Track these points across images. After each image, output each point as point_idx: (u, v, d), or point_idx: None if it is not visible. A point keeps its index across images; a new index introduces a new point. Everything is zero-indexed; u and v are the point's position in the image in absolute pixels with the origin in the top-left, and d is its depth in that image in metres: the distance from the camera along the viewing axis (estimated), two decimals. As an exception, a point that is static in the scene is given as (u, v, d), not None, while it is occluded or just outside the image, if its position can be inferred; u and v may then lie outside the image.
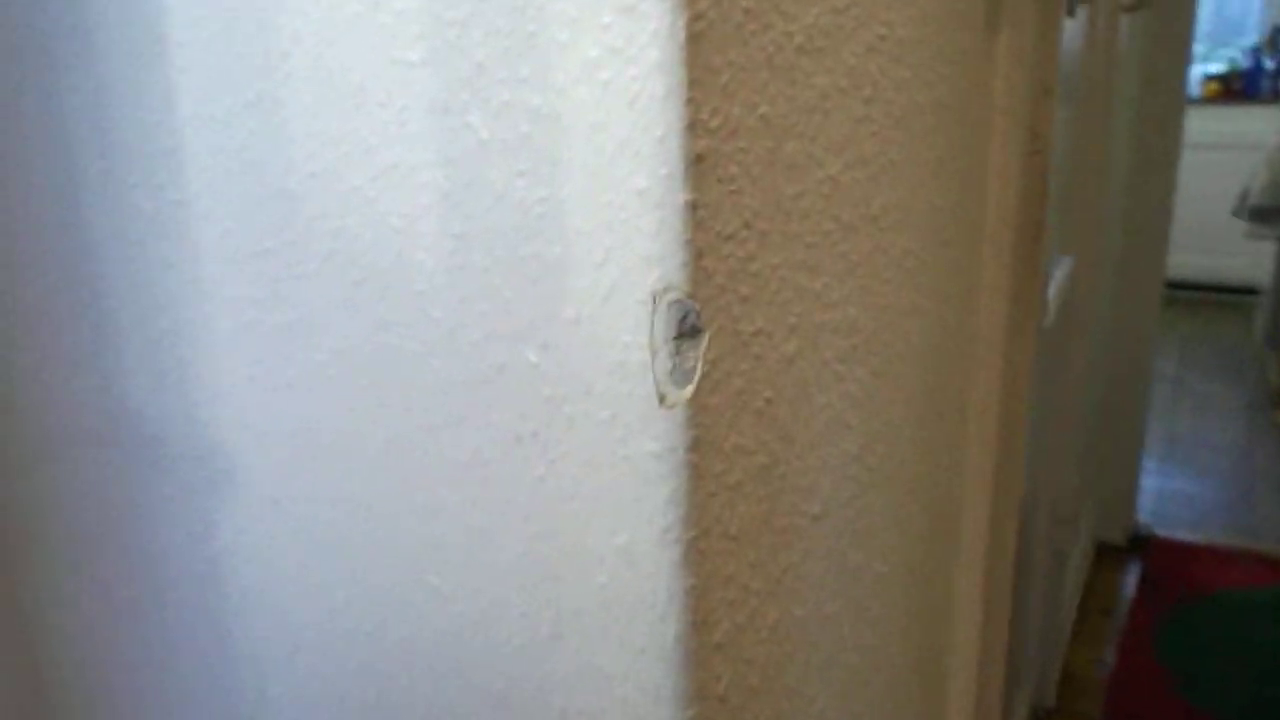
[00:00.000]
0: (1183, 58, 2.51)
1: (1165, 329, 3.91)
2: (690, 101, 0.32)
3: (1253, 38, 4.71)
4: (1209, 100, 4.51)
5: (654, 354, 0.35)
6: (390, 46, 0.37)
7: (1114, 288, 2.55)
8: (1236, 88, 4.54)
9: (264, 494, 0.47)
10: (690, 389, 0.35)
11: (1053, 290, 1.24)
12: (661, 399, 0.35)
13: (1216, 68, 4.56)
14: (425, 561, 0.43)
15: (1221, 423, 3.17)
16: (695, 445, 0.36)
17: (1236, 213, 3.25)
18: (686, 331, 0.35)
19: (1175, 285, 4.40)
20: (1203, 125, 4.36)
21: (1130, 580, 2.18)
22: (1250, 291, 4.50)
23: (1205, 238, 4.46)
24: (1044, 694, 1.75)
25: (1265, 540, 2.37)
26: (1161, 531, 2.41)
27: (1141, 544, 2.36)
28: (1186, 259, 4.45)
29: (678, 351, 0.35)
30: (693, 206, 0.33)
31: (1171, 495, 2.66)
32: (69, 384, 0.52)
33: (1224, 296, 4.57)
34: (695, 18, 0.32)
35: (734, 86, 0.34)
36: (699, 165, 0.33)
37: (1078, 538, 2.00)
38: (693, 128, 0.33)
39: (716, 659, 0.39)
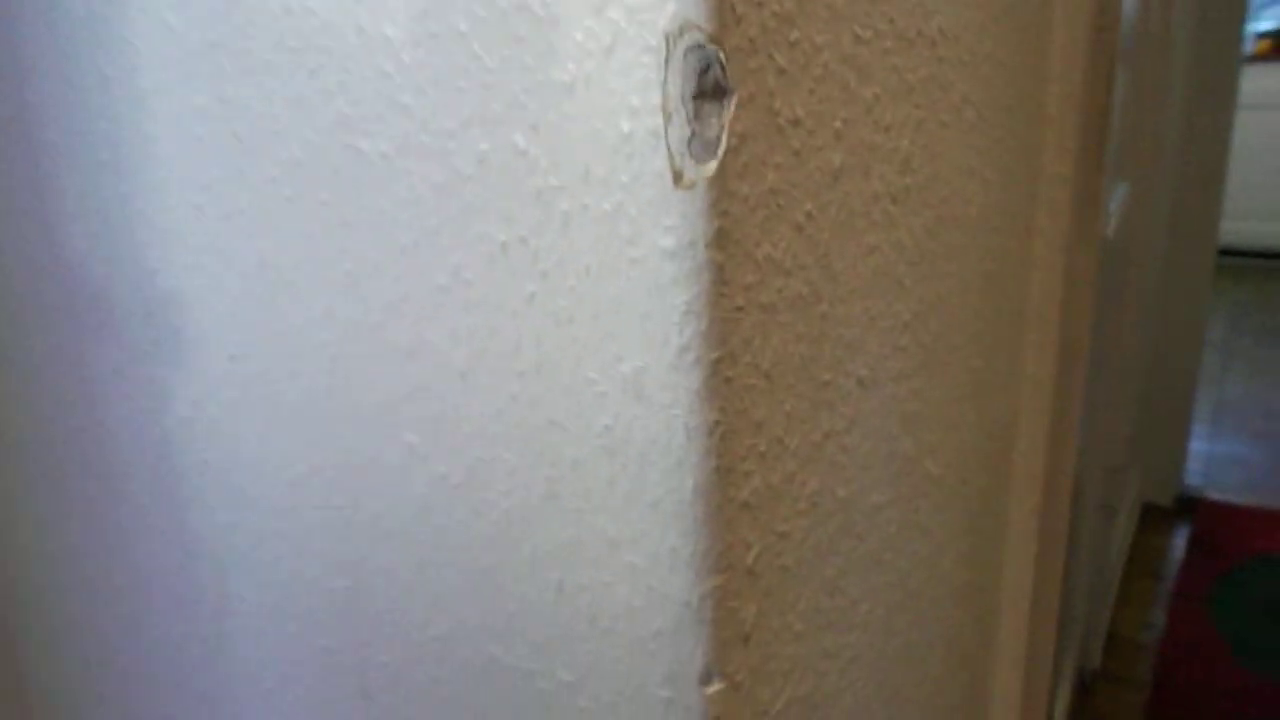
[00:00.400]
0: (1240, 10, 2.39)
1: (1215, 296, 3.79)
2: None
3: (1306, -8, 4.52)
4: (1260, 58, 4.34)
5: (668, 117, 0.28)
6: None
7: (1166, 250, 2.44)
8: (1290, 44, 4.36)
9: (219, 351, 0.40)
10: (713, 164, 0.28)
11: (1111, 207, 1.15)
12: (678, 177, 0.28)
13: (1267, 24, 4.38)
14: (401, 415, 0.36)
15: (1273, 388, 3.05)
16: (719, 240, 0.28)
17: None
18: (709, 89, 0.28)
19: (1225, 252, 4.26)
20: (1254, 84, 4.20)
21: (1178, 543, 2.08)
22: (1302, 256, 4.35)
23: (1257, 202, 4.30)
24: (1089, 655, 1.67)
25: (1322, 504, 2.27)
26: (1209, 494, 2.31)
27: (1189, 506, 2.26)
28: (1237, 225, 4.31)
29: (697, 115, 0.28)
30: (717, -84, 0.26)
31: (1221, 459, 2.55)
32: (3, 242, 0.45)
33: (1276, 263, 4.41)
34: None
35: None
36: None
37: (1127, 492, 1.91)
38: None
39: (744, 520, 0.32)
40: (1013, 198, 0.63)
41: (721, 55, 0.27)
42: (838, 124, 0.35)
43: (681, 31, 0.27)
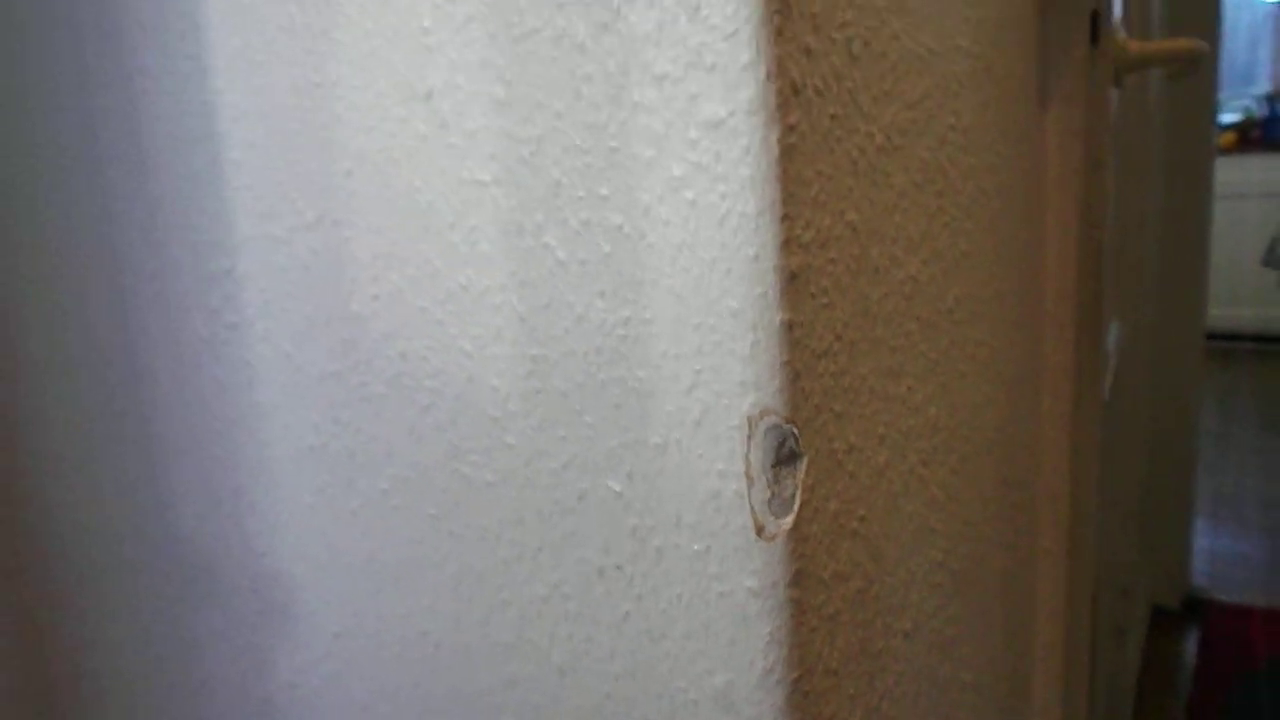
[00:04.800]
0: (1209, 107, 2.51)
1: (1205, 382, 3.83)
2: (784, 218, 0.30)
3: (1264, 85, 4.71)
4: (1226, 150, 4.50)
5: (750, 483, 0.32)
6: (460, 167, 0.35)
7: (1154, 345, 2.50)
8: (1253, 136, 4.53)
9: (324, 628, 0.45)
10: (790, 518, 0.33)
11: (1110, 348, 1.21)
12: (760, 530, 0.33)
13: (1230, 117, 4.55)
14: (500, 700, 0.40)
15: (1271, 477, 3.09)
16: (796, 579, 0.33)
17: (1267, 263, 3.22)
18: (785, 458, 0.32)
19: (1211, 336, 4.32)
20: (1223, 175, 4.34)
21: (1189, 649, 2.10)
22: (1285, 341, 4.43)
23: (1236, 287, 4.41)
24: (1111, 776, 1.67)
25: (1326, 601, 2.29)
26: (1216, 595, 2.33)
27: (1198, 608, 2.28)
28: (1219, 310, 4.40)
29: (776, 479, 0.32)
30: (789, 326, 0.31)
31: (1224, 555, 2.58)
32: (115, 512, 0.50)
33: (1261, 345, 4.50)
34: (788, 130, 0.30)
35: (824, 197, 0.33)
36: (794, 282, 0.31)
37: (1137, 611, 1.93)
38: (787, 244, 0.31)
39: (823, 808, 0.36)
40: (1022, 402, 0.68)
41: (795, 431, 0.32)
42: (880, 430, 0.40)
43: (761, 415, 0.32)
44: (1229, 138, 4.53)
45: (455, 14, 0.34)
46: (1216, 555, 2.57)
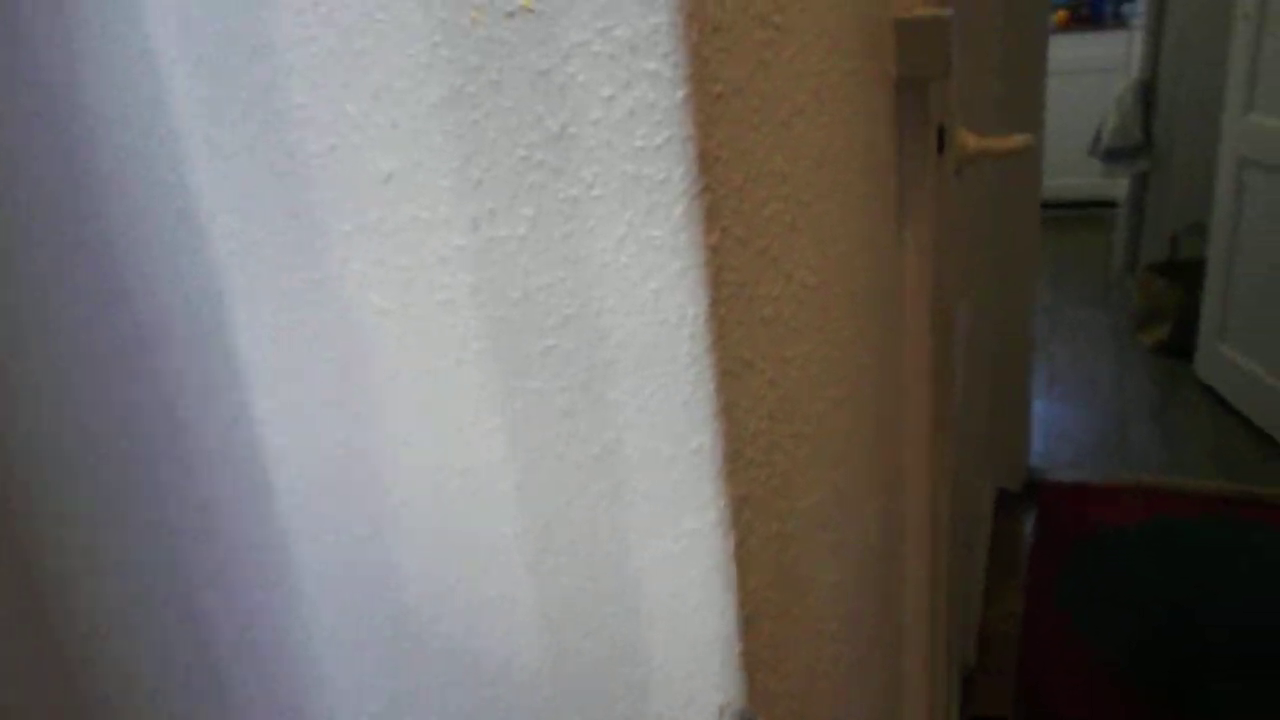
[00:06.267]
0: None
1: (1041, 251, 4.13)
2: (741, 586, 0.44)
3: (1095, -34, 4.93)
4: (1058, 29, 4.76)
5: (724, 746, 0.47)
6: (494, 523, 0.47)
7: (996, 221, 2.66)
8: (1083, 14, 4.80)
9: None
10: (752, 760, 0.47)
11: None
12: (733, 767, 0.47)
13: (1062, -2, 4.79)
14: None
15: (1093, 350, 3.46)
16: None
17: (1092, 153, 3.51)
18: (746, 724, 0.47)
19: (1046, 205, 4.63)
20: (1054, 53, 4.58)
21: (1029, 528, 2.42)
22: (1111, 205, 4.82)
23: (1068, 158, 4.75)
24: (967, 654, 1.97)
25: (1138, 469, 2.65)
26: (1050, 475, 2.66)
27: (1034, 489, 2.61)
28: (1052, 180, 4.72)
29: (741, 748, 0.47)
30: (748, 653, 0.45)
31: (1058, 434, 2.92)
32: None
33: (1091, 211, 4.90)
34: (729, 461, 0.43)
35: (755, 495, 0.46)
36: (749, 623, 0.45)
37: (983, 523, 2.21)
38: (742, 603, 0.44)
39: None
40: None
41: (753, 712, 0.47)
42: (807, 621, 0.55)
43: (726, 705, 0.46)
44: (1061, 16, 4.79)
45: (483, 424, 0.45)
46: (1051, 434, 2.91)
